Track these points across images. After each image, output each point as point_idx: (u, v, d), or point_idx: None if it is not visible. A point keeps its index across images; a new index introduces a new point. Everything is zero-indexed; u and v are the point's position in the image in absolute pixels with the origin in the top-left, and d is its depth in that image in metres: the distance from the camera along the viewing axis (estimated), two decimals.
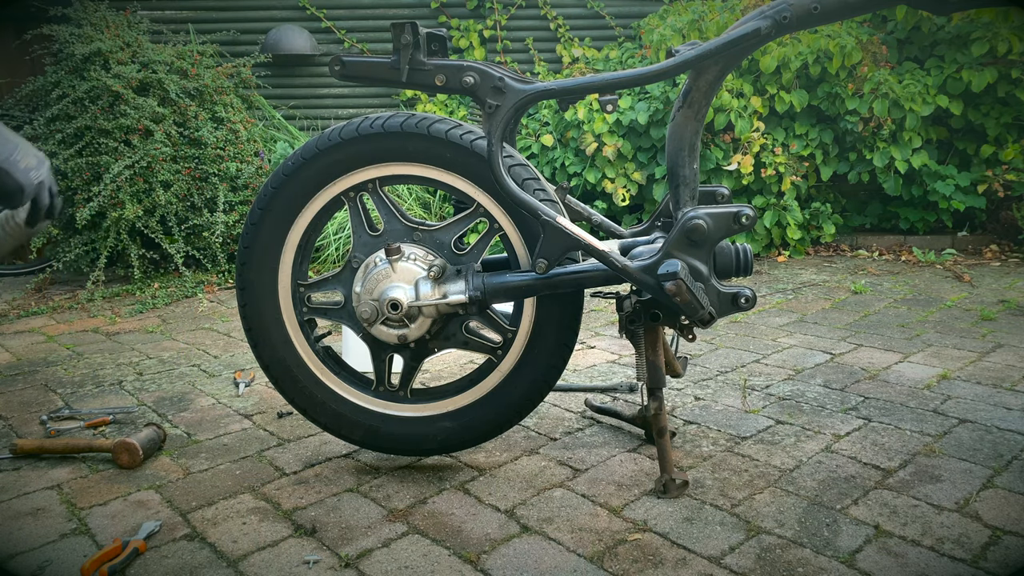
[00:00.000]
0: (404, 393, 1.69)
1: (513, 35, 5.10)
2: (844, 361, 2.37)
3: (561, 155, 4.29)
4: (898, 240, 4.22)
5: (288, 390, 1.67)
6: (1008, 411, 1.92)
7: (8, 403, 2.18)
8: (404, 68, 1.47)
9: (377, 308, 1.57)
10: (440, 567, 1.31)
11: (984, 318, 2.80)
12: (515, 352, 1.62)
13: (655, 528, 1.42)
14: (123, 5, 4.49)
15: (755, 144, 3.89)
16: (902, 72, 4.01)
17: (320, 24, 5.01)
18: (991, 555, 1.30)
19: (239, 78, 4.37)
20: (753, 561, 1.30)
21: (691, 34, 4.05)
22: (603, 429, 1.88)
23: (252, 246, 1.62)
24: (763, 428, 1.86)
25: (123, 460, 1.71)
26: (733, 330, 2.76)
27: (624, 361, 2.44)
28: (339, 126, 1.57)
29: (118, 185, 3.54)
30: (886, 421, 1.88)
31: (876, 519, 1.42)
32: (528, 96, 1.45)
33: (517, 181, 1.51)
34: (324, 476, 1.67)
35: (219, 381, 2.33)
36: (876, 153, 3.94)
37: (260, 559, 1.35)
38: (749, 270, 1.55)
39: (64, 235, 3.75)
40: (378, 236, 1.62)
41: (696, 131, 1.49)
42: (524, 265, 1.59)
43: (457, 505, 1.52)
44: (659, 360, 1.57)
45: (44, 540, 1.43)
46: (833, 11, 1.38)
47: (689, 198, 1.51)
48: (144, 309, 3.31)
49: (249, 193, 3.91)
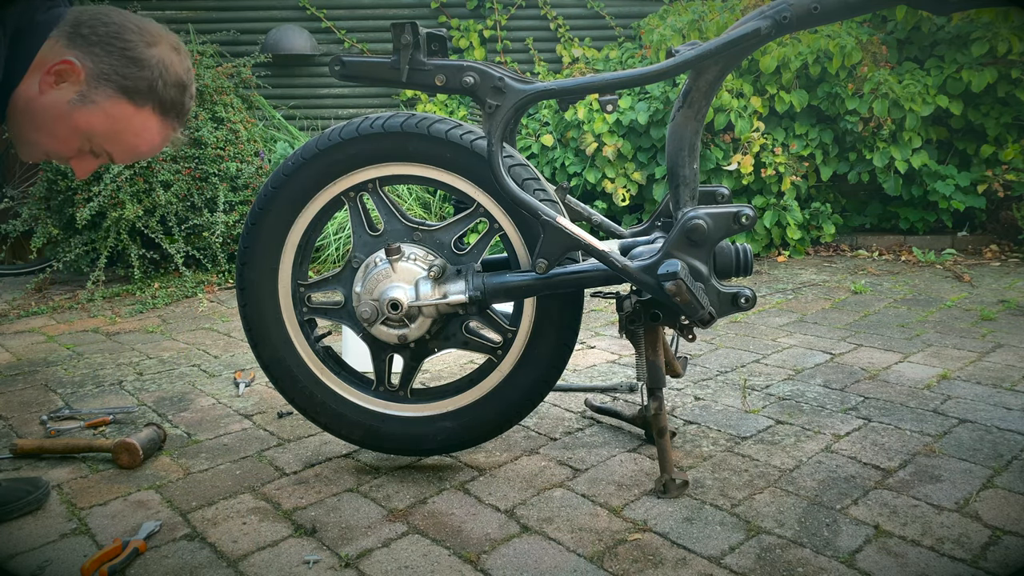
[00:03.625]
0: (404, 393, 1.69)
1: (513, 35, 5.10)
2: (844, 361, 2.37)
3: (561, 155, 4.29)
4: (898, 240, 4.22)
5: (288, 390, 1.67)
6: (1008, 411, 1.92)
7: (8, 403, 2.18)
8: (404, 68, 1.47)
9: (377, 308, 1.57)
10: (440, 567, 1.31)
11: (984, 318, 2.80)
12: (515, 352, 1.62)
13: (655, 528, 1.42)
14: (123, 5, 4.49)
15: (755, 144, 3.89)
16: (902, 72, 4.01)
17: (320, 24, 5.01)
18: (991, 555, 1.30)
19: (239, 78, 4.37)
20: (753, 561, 1.30)
21: (691, 34, 4.05)
22: (603, 429, 1.88)
23: (252, 246, 1.62)
24: (763, 428, 1.86)
25: (123, 460, 1.71)
26: (733, 330, 2.76)
27: (624, 361, 2.44)
28: (339, 126, 1.57)
29: (118, 185, 3.53)
30: (886, 421, 1.88)
31: (876, 519, 1.43)
32: (528, 96, 1.45)
33: (517, 181, 1.51)
34: (324, 476, 1.67)
35: (219, 381, 2.33)
36: (876, 153, 3.93)
37: (260, 559, 1.35)
38: (749, 270, 1.55)
39: (64, 235, 3.74)
40: (378, 236, 1.62)
41: (696, 131, 1.49)
42: (524, 265, 1.59)
43: (457, 505, 1.53)
44: (659, 360, 1.57)
45: (44, 540, 1.43)
46: (833, 11, 1.38)
47: (689, 198, 1.51)
48: (144, 309, 3.31)
49: (249, 193, 3.91)
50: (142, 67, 1.17)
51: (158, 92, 1.19)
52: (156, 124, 1.22)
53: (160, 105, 1.21)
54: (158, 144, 1.25)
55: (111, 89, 1.16)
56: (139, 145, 1.23)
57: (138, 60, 1.17)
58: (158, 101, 1.20)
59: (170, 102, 1.22)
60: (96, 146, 1.21)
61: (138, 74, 1.17)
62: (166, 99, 1.21)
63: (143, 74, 1.17)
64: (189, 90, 1.26)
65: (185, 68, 1.24)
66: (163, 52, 1.20)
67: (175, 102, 1.23)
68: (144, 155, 1.26)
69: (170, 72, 1.20)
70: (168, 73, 1.20)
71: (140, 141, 1.23)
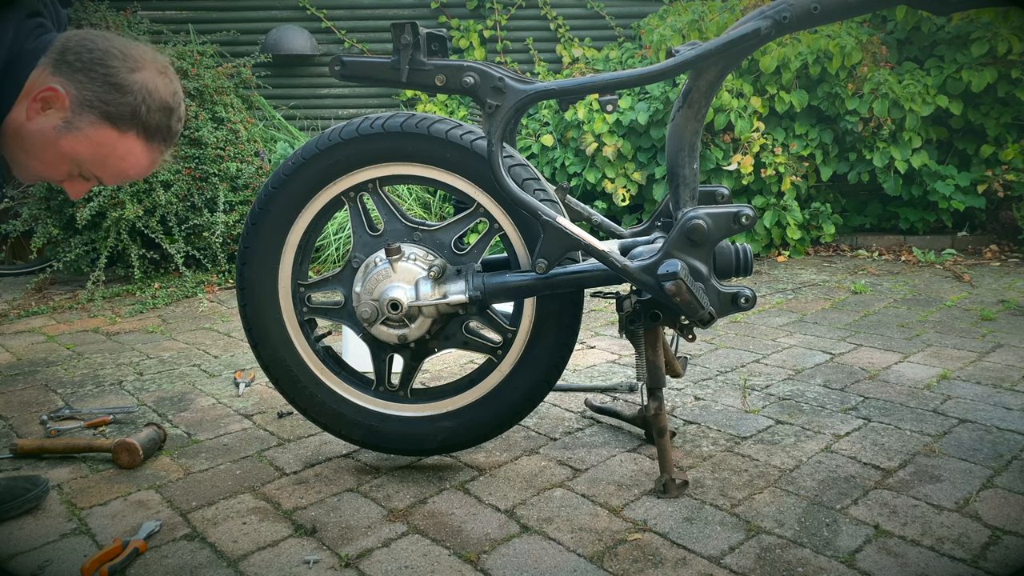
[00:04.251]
0: (404, 393, 1.69)
1: (513, 35, 5.10)
2: (844, 361, 2.37)
3: (561, 155, 4.29)
4: (898, 240, 4.22)
5: (288, 390, 1.67)
6: (1008, 411, 1.92)
7: (8, 403, 2.18)
8: (404, 68, 1.47)
9: (377, 308, 1.57)
10: (440, 567, 1.31)
11: (984, 318, 2.80)
12: (515, 352, 1.62)
13: (655, 528, 1.42)
14: (123, 5, 4.49)
15: (755, 144, 3.89)
16: (902, 72, 4.01)
17: (320, 24, 5.01)
18: (991, 555, 1.30)
19: (239, 78, 4.37)
20: (753, 561, 1.30)
21: (691, 34, 4.05)
22: (603, 429, 1.88)
23: (252, 246, 1.62)
24: (763, 428, 1.86)
25: (123, 460, 1.71)
26: (733, 330, 2.76)
27: (624, 361, 2.44)
28: (339, 126, 1.57)
29: (118, 185, 3.53)
30: (886, 421, 1.88)
31: (876, 519, 1.43)
32: (528, 96, 1.45)
33: (517, 181, 1.51)
34: (324, 476, 1.67)
35: (219, 381, 2.33)
36: (876, 153, 3.93)
37: (260, 559, 1.35)
38: (749, 270, 1.55)
39: (64, 235, 3.74)
40: (378, 236, 1.62)
41: (696, 131, 1.49)
42: (524, 265, 1.59)
43: (457, 505, 1.53)
44: (659, 360, 1.57)
45: (44, 540, 1.43)
46: (833, 11, 1.38)
47: (689, 198, 1.51)
48: (144, 309, 3.31)
49: (249, 193, 3.91)
50: (124, 93, 1.18)
51: (141, 117, 1.20)
52: (141, 148, 1.23)
53: (144, 130, 1.21)
54: (145, 167, 1.26)
55: (94, 116, 1.17)
56: (126, 169, 1.24)
57: (120, 86, 1.17)
58: (142, 126, 1.20)
59: (155, 126, 1.22)
60: (85, 170, 1.22)
61: (120, 100, 1.17)
62: (150, 124, 1.21)
63: (126, 100, 1.18)
64: (176, 113, 1.25)
65: (171, 92, 1.24)
66: (147, 77, 1.20)
67: (160, 126, 1.23)
68: (132, 178, 1.26)
69: (154, 97, 1.20)
70: (152, 98, 1.20)
71: (126, 165, 1.23)
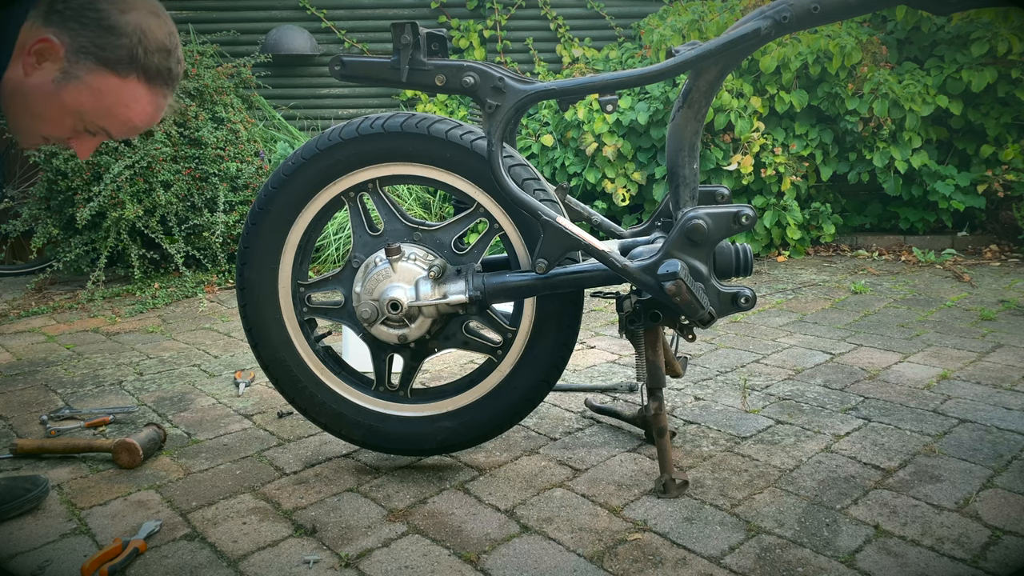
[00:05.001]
0: (404, 393, 1.69)
1: (513, 35, 5.10)
2: (844, 361, 2.37)
3: (561, 155, 4.29)
4: (898, 240, 4.22)
5: (288, 390, 1.67)
6: (1008, 411, 1.92)
7: (8, 403, 2.18)
8: (404, 68, 1.47)
9: (377, 308, 1.57)
10: (440, 567, 1.31)
11: (984, 318, 2.80)
12: (515, 352, 1.62)
13: (655, 528, 1.42)
14: None
15: (755, 144, 3.89)
16: (902, 72, 4.01)
17: (320, 24, 5.01)
18: (991, 555, 1.30)
19: (239, 78, 4.37)
20: (753, 561, 1.30)
21: (691, 34, 4.05)
22: (603, 429, 1.88)
23: (252, 246, 1.62)
24: (763, 428, 1.86)
25: (123, 460, 1.71)
26: (733, 330, 2.76)
27: (624, 361, 2.44)
28: (339, 126, 1.57)
29: (118, 185, 3.53)
30: (886, 421, 1.88)
31: (876, 519, 1.43)
32: (528, 96, 1.45)
33: (517, 181, 1.52)
34: (324, 476, 1.67)
35: (219, 381, 2.33)
36: (876, 153, 3.93)
37: (260, 559, 1.35)
38: (749, 270, 1.55)
39: (64, 235, 3.74)
40: (378, 236, 1.62)
41: (696, 131, 1.49)
42: (524, 265, 1.59)
43: (457, 505, 1.53)
44: (659, 360, 1.57)
45: (44, 540, 1.43)
46: (833, 11, 1.38)
47: (689, 198, 1.51)
48: (144, 309, 3.31)
49: (249, 193, 3.91)
50: (119, 35, 1.13)
51: (140, 60, 1.15)
52: (144, 93, 1.18)
53: (145, 73, 1.16)
54: (151, 114, 1.21)
55: (91, 62, 1.12)
56: (132, 117, 1.19)
57: (113, 28, 1.12)
58: (142, 69, 1.16)
59: (155, 69, 1.17)
60: (90, 124, 1.18)
61: (116, 43, 1.13)
62: (150, 66, 1.16)
63: (121, 42, 1.13)
64: (175, 54, 1.20)
65: (167, 32, 1.19)
66: (140, 17, 1.15)
67: (160, 68, 1.18)
68: (140, 127, 1.21)
69: (150, 37, 1.15)
70: (148, 39, 1.15)
71: (132, 113, 1.19)
